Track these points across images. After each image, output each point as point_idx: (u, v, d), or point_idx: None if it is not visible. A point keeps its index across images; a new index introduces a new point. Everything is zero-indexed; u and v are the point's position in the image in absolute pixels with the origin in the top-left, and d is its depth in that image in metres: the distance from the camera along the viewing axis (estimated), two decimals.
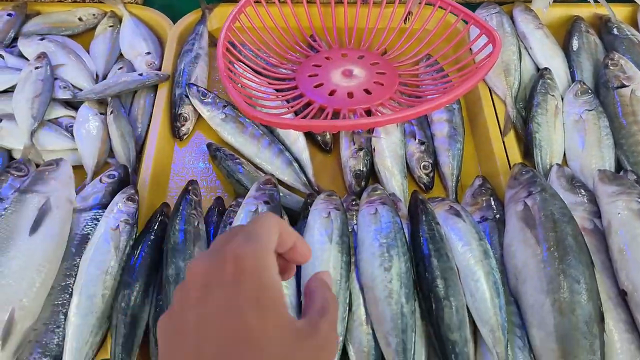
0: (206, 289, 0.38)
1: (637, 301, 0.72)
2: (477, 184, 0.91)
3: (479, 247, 0.77)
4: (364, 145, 0.95)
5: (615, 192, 0.82)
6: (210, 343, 0.36)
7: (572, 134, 0.99)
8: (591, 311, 0.69)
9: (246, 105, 0.85)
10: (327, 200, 0.81)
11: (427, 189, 0.95)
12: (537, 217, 0.78)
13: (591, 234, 0.81)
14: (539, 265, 0.74)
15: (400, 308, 0.70)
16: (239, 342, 0.36)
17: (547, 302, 0.71)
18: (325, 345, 0.40)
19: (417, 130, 0.98)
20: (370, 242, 0.76)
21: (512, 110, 1.01)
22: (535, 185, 0.83)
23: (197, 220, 0.81)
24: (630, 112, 0.98)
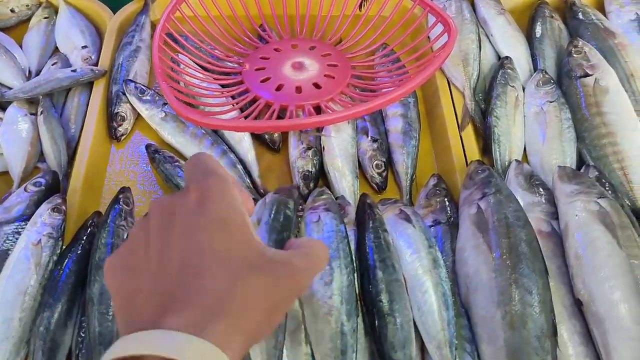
0: (170, 216, 0.38)
1: (593, 311, 0.67)
2: (431, 184, 0.86)
3: (428, 255, 0.72)
4: (313, 144, 0.89)
5: (573, 191, 0.77)
6: (173, 262, 0.36)
7: (532, 127, 0.94)
8: (543, 324, 0.65)
9: (180, 105, 0.79)
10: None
11: (380, 190, 0.89)
12: (490, 221, 0.74)
13: (548, 238, 0.76)
14: (491, 274, 0.69)
15: (340, 326, 0.65)
16: (205, 254, 0.36)
17: (498, 315, 0.66)
18: (292, 275, 0.39)
19: (370, 127, 0.92)
20: None
21: (470, 102, 0.95)
22: (489, 186, 0.78)
23: (127, 232, 0.75)
24: (594, 102, 0.93)
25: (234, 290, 0.35)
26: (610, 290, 0.67)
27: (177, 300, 0.34)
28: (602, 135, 0.90)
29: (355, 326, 0.67)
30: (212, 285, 0.35)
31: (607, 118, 0.91)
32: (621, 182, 0.86)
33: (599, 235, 0.71)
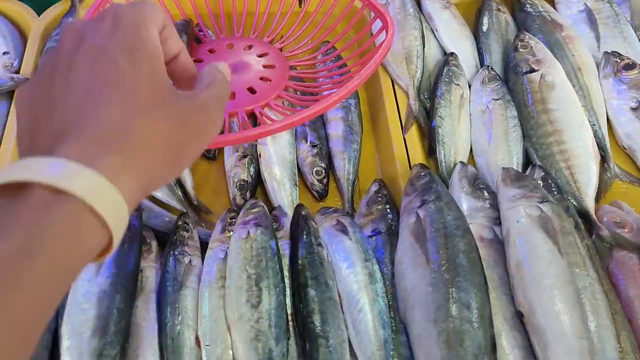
0: (79, 41, 0.36)
1: (534, 324, 0.64)
2: (372, 190, 0.82)
3: (364, 269, 0.69)
4: (249, 151, 0.85)
5: (515, 195, 0.74)
6: (76, 89, 0.34)
7: (478, 126, 0.91)
8: (481, 341, 0.62)
9: None
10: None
11: (321, 198, 0.85)
12: (428, 231, 0.70)
13: (489, 245, 0.73)
14: (427, 288, 0.66)
15: (268, 353, 0.62)
16: (108, 83, 0.34)
17: (434, 332, 0.63)
18: (204, 109, 0.38)
19: (309, 132, 0.88)
20: (238, 274, 0.67)
21: (414, 102, 0.92)
22: (429, 193, 0.74)
23: None
24: (539, 99, 0.90)
25: (133, 125, 0.33)
26: (551, 302, 0.64)
27: (73, 129, 0.32)
28: (549, 134, 0.87)
29: (285, 350, 0.63)
30: (110, 117, 0.33)
31: (553, 115, 0.88)
32: (567, 181, 0.84)
33: (540, 243, 0.68)
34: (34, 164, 0.30)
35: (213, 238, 0.73)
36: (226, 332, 0.65)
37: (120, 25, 0.37)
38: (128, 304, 0.64)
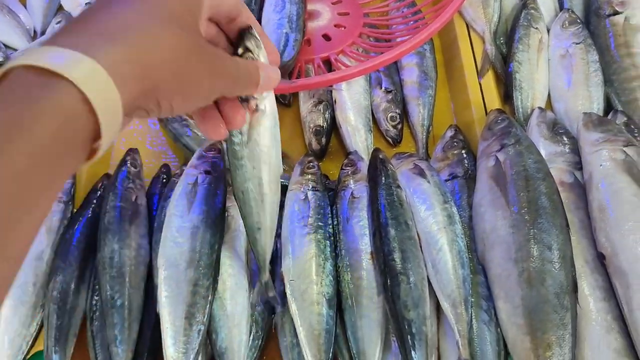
0: None
1: (617, 266, 0.64)
2: (448, 136, 0.82)
3: (443, 211, 0.70)
4: (324, 97, 0.86)
5: (599, 139, 0.73)
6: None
7: (557, 71, 0.89)
8: (563, 281, 0.62)
9: None
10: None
11: (395, 143, 0.86)
12: (508, 173, 0.70)
13: (570, 189, 0.72)
14: (508, 229, 0.66)
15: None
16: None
17: (515, 272, 0.64)
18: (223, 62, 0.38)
19: (384, 78, 0.88)
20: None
21: (490, 47, 0.90)
22: (508, 137, 0.74)
23: (136, 194, 0.74)
24: (623, 43, 0.87)
25: (148, 26, 0.33)
26: (635, 244, 0.63)
27: (83, 24, 0.32)
28: (632, 78, 0.84)
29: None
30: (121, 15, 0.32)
31: (637, 59, 0.85)
32: None
33: (624, 187, 0.67)
34: (35, 52, 0.29)
35: (292, 180, 0.75)
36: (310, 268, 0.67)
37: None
38: (218, 239, 0.68)
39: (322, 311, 0.66)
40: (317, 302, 0.66)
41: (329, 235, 0.71)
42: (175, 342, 0.62)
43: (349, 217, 0.72)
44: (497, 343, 0.64)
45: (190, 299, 0.64)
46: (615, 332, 0.63)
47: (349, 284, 0.68)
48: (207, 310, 0.64)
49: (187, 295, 0.64)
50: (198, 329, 0.63)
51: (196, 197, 0.69)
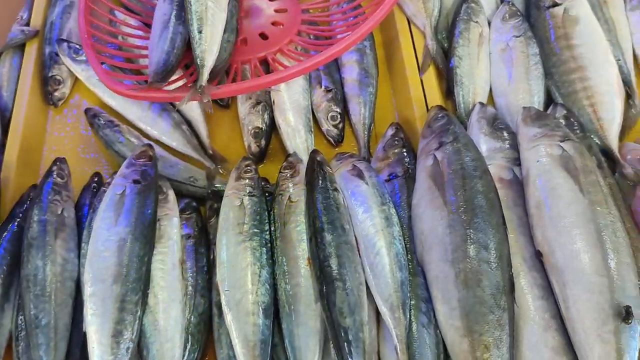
0: None
1: (553, 263, 0.63)
2: (389, 134, 0.81)
3: (381, 213, 0.68)
4: (262, 98, 0.84)
5: (536, 135, 0.72)
6: None
7: (498, 65, 0.88)
8: (499, 281, 0.61)
9: (105, 77, 0.73)
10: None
11: (337, 143, 0.84)
12: (445, 172, 0.69)
13: (509, 186, 0.72)
14: (445, 230, 0.65)
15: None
16: None
17: (452, 273, 0.62)
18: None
19: (324, 76, 0.86)
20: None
21: (431, 42, 0.89)
22: (447, 134, 0.73)
23: (62, 206, 0.71)
24: (563, 35, 0.86)
25: None
26: (571, 241, 0.63)
27: None
28: (572, 70, 0.84)
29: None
30: None
31: (576, 51, 0.85)
32: (590, 119, 0.81)
33: (561, 182, 0.67)
34: None
35: (228, 186, 0.73)
36: (246, 277, 0.65)
37: None
38: (148, 251, 0.65)
39: (257, 321, 0.64)
40: (252, 312, 0.64)
41: (265, 242, 0.69)
42: None
43: (286, 222, 0.70)
44: (436, 346, 0.63)
45: (117, 316, 0.61)
46: (552, 330, 0.62)
47: (286, 291, 0.66)
48: (136, 327, 0.62)
49: (113, 312, 0.61)
50: (126, 346, 0.60)
51: (123, 209, 0.66)
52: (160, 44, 0.75)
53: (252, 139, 0.81)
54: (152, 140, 0.81)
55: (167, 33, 0.75)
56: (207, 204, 0.77)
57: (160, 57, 0.74)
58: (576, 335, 0.60)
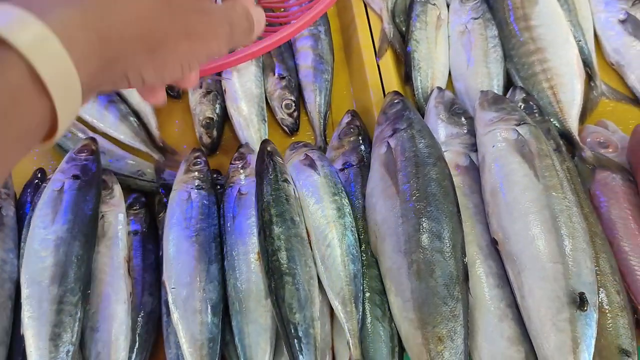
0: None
1: (508, 251, 0.62)
2: (344, 122, 0.78)
3: (332, 204, 0.66)
4: (213, 87, 0.81)
5: (492, 119, 0.70)
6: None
7: (457, 48, 0.86)
8: (452, 271, 0.59)
9: None
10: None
11: (292, 132, 0.82)
12: (399, 160, 0.67)
13: (465, 172, 0.70)
14: (398, 220, 0.63)
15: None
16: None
17: (405, 264, 0.61)
18: (210, 16, 0.33)
19: (277, 63, 0.83)
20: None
21: (388, 26, 0.86)
22: (401, 121, 0.71)
23: (0, 204, 0.67)
24: (522, 16, 0.84)
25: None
26: (525, 227, 0.61)
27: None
28: (531, 52, 0.82)
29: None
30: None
31: (536, 32, 0.83)
32: (550, 102, 0.79)
33: (516, 168, 0.65)
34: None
35: (176, 180, 0.70)
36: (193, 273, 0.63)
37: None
38: (87, 250, 0.62)
39: (205, 319, 0.61)
40: (200, 310, 0.62)
41: (214, 237, 0.66)
42: None
43: (235, 215, 0.67)
44: (390, 339, 0.62)
45: (54, 318, 0.58)
46: (508, 320, 0.61)
47: (236, 287, 0.63)
48: (77, 329, 0.59)
49: (51, 315, 0.58)
50: (66, 349, 0.58)
51: (62, 206, 0.63)
52: None
53: (204, 129, 0.79)
54: (98, 133, 0.78)
55: None
56: (156, 199, 0.74)
57: None
58: (532, 324, 0.59)
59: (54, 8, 0.25)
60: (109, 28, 0.27)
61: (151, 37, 0.29)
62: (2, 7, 0.24)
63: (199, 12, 0.32)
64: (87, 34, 0.26)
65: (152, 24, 0.29)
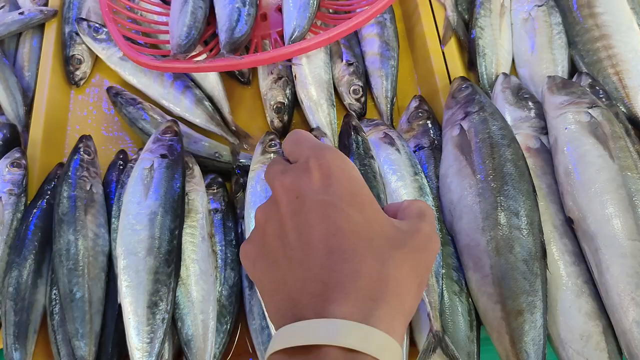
0: (298, 199, 0.37)
1: (585, 229, 0.63)
2: (412, 106, 0.80)
3: (414, 182, 0.68)
4: (283, 73, 0.83)
5: (563, 102, 0.72)
6: (316, 246, 0.35)
7: (520, 35, 0.87)
8: (531, 247, 0.61)
9: (128, 49, 0.73)
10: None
11: (359, 117, 0.84)
12: (473, 142, 0.69)
13: (536, 154, 0.71)
14: (475, 199, 0.65)
15: None
16: (345, 236, 0.35)
17: (483, 241, 0.62)
18: (427, 244, 0.38)
19: (344, 50, 0.86)
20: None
21: (451, 14, 0.88)
22: (472, 104, 0.72)
23: (90, 182, 0.71)
24: (585, 3, 0.85)
25: (387, 272, 0.34)
26: (602, 206, 0.63)
27: (333, 288, 0.33)
28: (595, 39, 0.83)
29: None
30: (365, 269, 0.34)
31: (600, 19, 0.84)
32: (616, 87, 0.80)
33: (590, 149, 0.66)
34: (315, 327, 0.31)
35: (254, 160, 0.73)
36: None
37: (330, 174, 0.37)
38: (178, 224, 0.65)
39: None
40: None
41: None
42: (138, 332, 0.60)
43: None
44: (468, 313, 0.64)
45: (151, 287, 0.61)
46: (586, 296, 0.62)
47: None
48: (171, 298, 0.62)
49: (148, 284, 0.61)
50: (162, 317, 0.61)
51: (153, 183, 0.66)
52: (182, 17, 0.75)
53: (275, 114, 0.81)
54: (175, 117, 0.81)
55: (187, 7, 0.76)
56: (233, 179, 0.77)
57: (182, 30, 0.74)
58: (610, 299, 0.60)
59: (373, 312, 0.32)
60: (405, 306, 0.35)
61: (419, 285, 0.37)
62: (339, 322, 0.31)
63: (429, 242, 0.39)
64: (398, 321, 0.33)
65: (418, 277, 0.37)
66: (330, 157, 0.38)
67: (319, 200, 0.36)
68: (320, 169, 0.37)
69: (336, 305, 0.32)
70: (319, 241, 0.35)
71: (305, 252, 0.35)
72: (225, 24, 0.76)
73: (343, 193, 0.36)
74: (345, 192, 0.36)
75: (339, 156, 0.39)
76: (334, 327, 0.31)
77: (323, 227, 0.35)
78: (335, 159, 0.38)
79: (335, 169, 0.37)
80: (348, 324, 0.31)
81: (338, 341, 0.30)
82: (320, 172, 0.37)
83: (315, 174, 0.37)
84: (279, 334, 0.33)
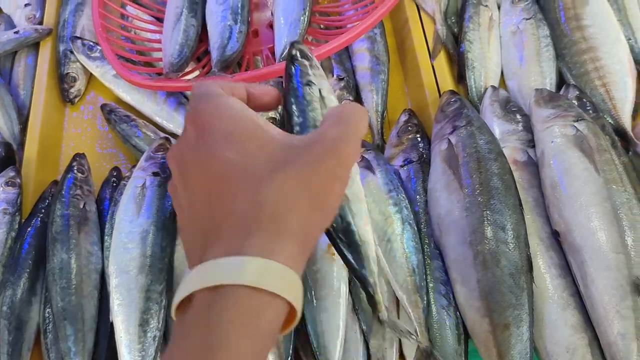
0: (182, 163, 0.38)
1: (571, 242, 0.64)
2: (402, 120, 0.81)
3: (389, 199, 0.68)
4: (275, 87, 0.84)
5: (550, 116, 0.73)
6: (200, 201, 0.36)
7: (509, 48, 0.88)
8: (517, 261, 0.62)
9: (121, 68, 0.74)
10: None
11: None
12: (460, 156, 0.70)
13: (524, 167, 0.72)
14: (462, 213, 0.66)
15: None
16: (221, 179, 0.35)
17: (470, 255, 0.63)
18: (332, 150, 0.36)
19: (335, 65, 0.87)
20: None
21: (441, 27, 0.89)
22: (460, 118, 0.73)
23: (84, 201, 0.72)
24: (573, 16, 0.86)
25: (261, 199, 0.33)
26: (587, 219, 0.64)
27: (210, 235, 0.34)
28: (583, 51, 0.84)
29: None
30: (238, 205, 0.34)
31: (587, 32, 0.85)
32: (603, 99, 0.81)
33: (576, 162, 0.67)
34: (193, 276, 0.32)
35: None
36: None
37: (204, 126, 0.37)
38: (170, 242, 0.66)
39: None
40: None
41: None
42: (130, 350, 0.61)
43: None
44: (456, 327, 0.64)
45: (143, 305, 0.62)
46: (572, 309, 0.63)
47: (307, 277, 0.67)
48: (162, 316, 0.63)
49: (139, 302, 0.62)
50: (153, 335, 0.62)
51: (144, 201, 0.67)
52: (174, 35, 0.76)
53: None
54: (168, 134, 0.82)
55: (180, 25, 0.77)
56: None
57: (174, 49, 0.75)
58: (595, 312, 0.61)
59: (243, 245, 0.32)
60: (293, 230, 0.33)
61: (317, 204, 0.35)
62: (279, 270, 0.32)
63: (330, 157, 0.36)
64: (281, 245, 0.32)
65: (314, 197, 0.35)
66: (202, 108, 0.37)
67: (195, 156, 0.36)
68: (194, 124, 0.37)
69: (210, 253, 0.32)
70: (201, 195, 0.36)
71: (194, 211, 0.36)
72: (217, 41, 0.77)
73: (217, 139, 0.36)
74: (219, 137, 0.36)
75: (213, 103, 0.38)
76: (203, 272, 0.32)
77: (203, 179, 0.36)
78: (209, 107, 0.37)
79: (208, 118, 0.37)
80: (213, 263, 0.31)
81: (203, 284, 0.31)
82: (194, 128, 0.37)
83: (191, 132, 0.37)
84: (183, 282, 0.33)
